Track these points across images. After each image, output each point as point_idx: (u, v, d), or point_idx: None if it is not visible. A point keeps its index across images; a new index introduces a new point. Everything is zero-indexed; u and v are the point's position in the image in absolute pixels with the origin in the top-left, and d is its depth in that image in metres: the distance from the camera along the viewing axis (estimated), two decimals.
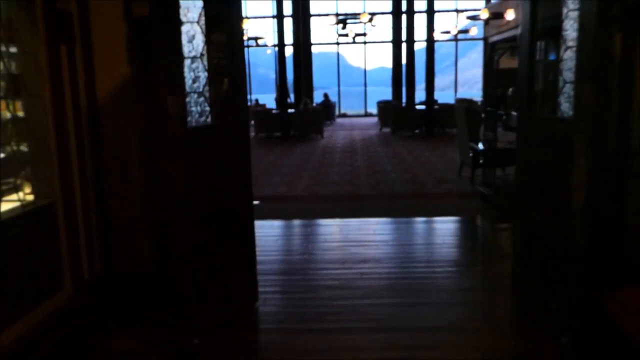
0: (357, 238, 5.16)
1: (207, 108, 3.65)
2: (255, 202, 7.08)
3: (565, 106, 3.61)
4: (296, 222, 5.95)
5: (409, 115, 15.09)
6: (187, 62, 3.46)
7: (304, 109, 15.35)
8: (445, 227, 5.65)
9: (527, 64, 3.57)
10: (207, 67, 3.61)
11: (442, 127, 15.19)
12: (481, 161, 7.00)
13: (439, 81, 22.59)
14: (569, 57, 3.46)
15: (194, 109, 3.59)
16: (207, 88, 3.64)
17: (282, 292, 3.87)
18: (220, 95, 3.64)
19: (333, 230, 5.66)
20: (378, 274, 4.09)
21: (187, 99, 3.47)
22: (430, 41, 14.82)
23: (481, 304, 3.54)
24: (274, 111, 15.76)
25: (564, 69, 3.53)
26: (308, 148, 12.74)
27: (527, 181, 3.62)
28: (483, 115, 8.35)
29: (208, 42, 3.62)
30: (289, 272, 4.27)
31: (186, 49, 3.44)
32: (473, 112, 7.99)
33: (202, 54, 3.56)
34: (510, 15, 15.89)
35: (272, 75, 18.11)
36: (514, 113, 15.68)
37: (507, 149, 6.94)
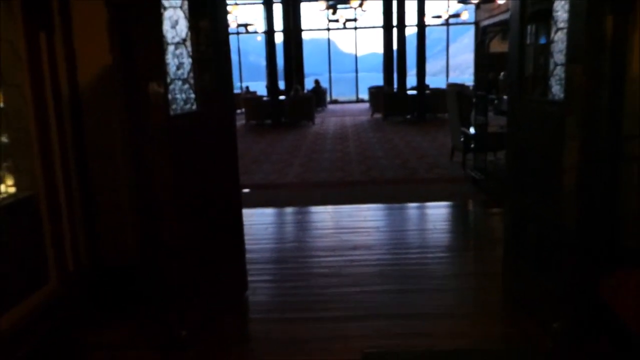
0: (348, 225, 5.12)
1: (192, 95, 3.58)
2: (245, 190, 7.04)
3: (556, 89, 3.56)
4: (286, 210, 5.89)
5: (400, 101, 15.03)
6: (170, 48, 3.38)
7: (294, 95, 15.23)
8: (437, 212, 5.62)
9: (517, 47, 3.52)
10: (191, 54, 3.53)
11: (434, 112, 15.14)
12: (472, 146, 6.96)
13: (430, 66, 22.50)
14: (559, 38, 3.40)
15: (178, 96, 3.52)
16: (191, 75, 3.57)
17: (272, 281, 3.83)
18: (205, 82, 3.56)
19: (323, 217, 5.62)
20: (369, 261, 4.06)
21: (172, 86, 3.39)
22: (421, 26, 14.71)
23: (472, 290, 3.52)
24: (264, 98, 15.63)
25: (554, 51, 3.47)
26: (299, 135, 12.67)
27: (518, 165, 3.58)
28: (474, 99, 8.31)
29: (192, 27, 3.54)
30: (278, 260, 4.23)
31: (169, 34, 3.35)
32: (464, 97, 7.94)
33: (185, 40, 3.48)
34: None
35: (263, 62, 17.96)
36: (505, 97, 15.67)
37: (499, 133, 6.89)
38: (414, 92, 15.49)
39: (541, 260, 3.20)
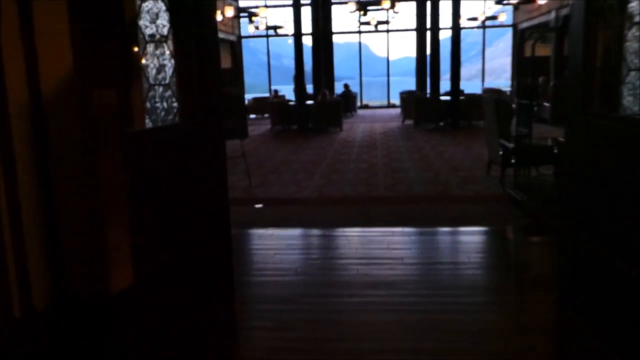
0: (368, 254, 4.44)
1: (176, 104, 2.96)
2: (258, 206, 6.42)
3: (629, 100, 2.84)
4: (299, 232, 5.25)
5: (432, 107, 14.22)
6: (149, 48, 2.78)
7: (321, 100, 14.60)
8: (471, 240, 4.88)
9: (581, 47, 2.79)
10: (173, 54, 2.91)
11: (468, 119, 14.29)
12: (513, 160, 6.18)
13: (464, 71, 21.57)
14: (635, 36, 2.68)
15: (159, 105, 2.91)
16: (174, 80, 2.95)
17: (269, 329, 3.17)
18: (190, 88, 2.94)
19: (340, 243, 4.96)
20: (388, 304, 3.37)
21: (151, 93, 2.78)
22: (457, 28, 13.90)
23: (514, 353, 2.79)
24: (290, 103, 15.05)
25: (628, 52, 2.74)
26: (324, 142, 12.02)
27: (583, 190, 2.86)
28: (514, 107, 7.52)
29: (174, 22, 2.93)
30: (282, 299, 3.56)
31: (148, 31, 2.74)
32: (503, 104, 7.16)
33: (167, 38, 2.86)
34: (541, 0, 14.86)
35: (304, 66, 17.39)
36: (546, 104, 14.73)
37: (544, 146, 6.12)
38: (448, 97, 14.68)
39: (608, 321, 2.47)
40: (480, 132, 12.75)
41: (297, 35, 14.37)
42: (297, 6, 14.37)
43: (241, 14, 17.04)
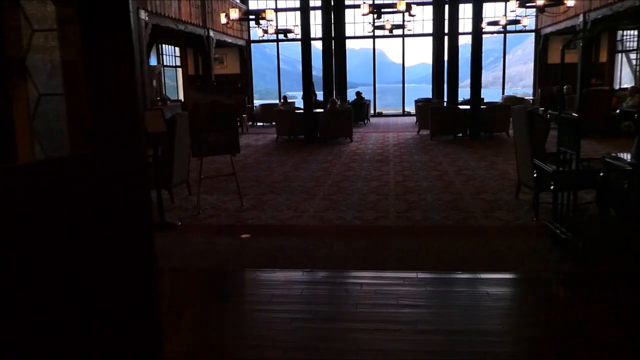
0: (371, 314, 3.42)
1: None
2: (245, 236, 5.43)
3: None
4: (285, 277, 4.23)
5: (451, 116, 13.15)
6: (40, 38, 1.78)
7: (330, 109, 13.62)
8: (501, 294, 3.82)
9: None
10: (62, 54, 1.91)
11: (489, 130, 13.19)
12: (552, 186, 5.11)
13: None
14: None
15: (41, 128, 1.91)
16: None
17: None
18: (90, 105, 1.95)
19: (338, 295, 3.92)
20: None
21: (41, 107, 1.78)
22: (478, 33, 12.83)
23: None
24: (297, 111, 14.05)
25: None
26: (332, 154, 11.02)
27: None
28: (550, 119, 6.45)
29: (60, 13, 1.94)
30: None
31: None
32: (538, 118, 6.11)
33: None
34: (570, 1, 13.73)
35: (316, 72, 16.48)
36: (574, 114, 13.49)
37: (591, 170, 5.05)
38: (467, 106, 13.61)
39: None
40: (503, 145, 11.67)
41: (305, 39, 13.42)
42: (305, 10, 13.41)
43: (248, 17, 16.14)
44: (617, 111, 12.82)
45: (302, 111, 13.70)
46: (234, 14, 14.20)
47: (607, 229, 5.11)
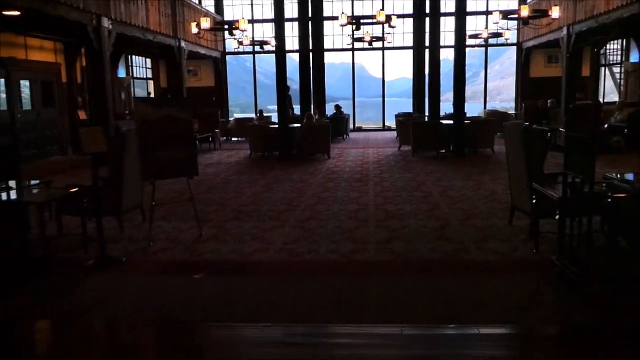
0: None
1: None
2: (198, 276, 4.59)
3: None
4: (236, 335, 3.42)
5: (433, 132, 12.50)
6: None
7: (307, 124, 12.89)
8: (499, 355, 3.08)
9: None
10: None
11: (473, 146, 12.56)
12: (557, 216, 4.38)
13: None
14: None
15: None
16: None
17: None
18: None
19: None
20: None
21: None
22: (461, 46, 12.24)
23: None
24: (272, 126, 13.26)
25: None
26: (308, 173, 10.25)
27: None
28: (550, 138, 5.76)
29: None
30: None
31: None
32: (535, 136, 5.45)
33: None
34: (555, 13, 13.25)
35: (294, 85, 15.89)
36: (562, 129, 12.98)
37: (601, 194, 4.35)
38: (449, 121, 12.99)
39: None
40: (489, 162, 11.04)
41: (280, 52, 12.71)
42: (279, 21, 12.71)
43: (220, 27, 15.38)
44: (606, 126, 12.29)
45: (277, 126, 12.93)
46: (206, 23, 13.43)
47: (620, 265, 4.42)
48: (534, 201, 4.99)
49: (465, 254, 4.95)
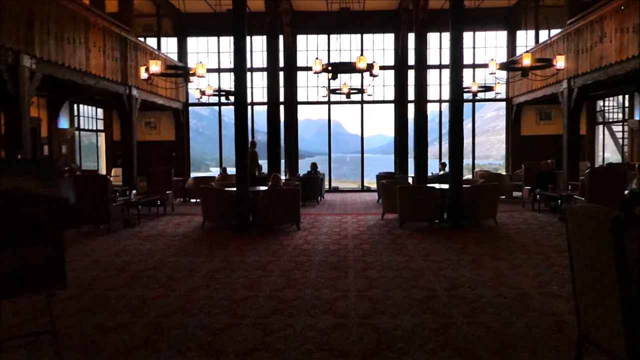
0: None
1: None
2: None
3: None
4: None
5: (424, 198, 10.35)
6: None
7: (272, 187, 10.68)
8: None
9: None
10: None
11: (472, 216, 10.45)
12: None
13: (432, 149, 18.17)
14: None
15: None
16: None
17: None
18: None
19: None
20: None
21: None
22: (456, 98, 10.33)
23: None
24: (231, 189, 10.94)
25: None
26: (269, 253, 7.93)
27: None
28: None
29: None
30: None
31: None
32: (635, 232, 3.26)
33: None
34: (560, 62, 11.54)
35: (265, 139, 13.88)
36: (578, 197, 10.97)
37: None
38: (443, 185, 10.94)
39: None
40: (496, 238, 8.79)
41: (240, 104, 10.63)
42: (240, 71, 10.68)
43: (174, 72, 13.31)
44: (626, 192, 10.31)
45: (233, 190, 10.63)
46: (155, 66, 11.33)
47: None
48: (634, 337, 2.77)
49: None
